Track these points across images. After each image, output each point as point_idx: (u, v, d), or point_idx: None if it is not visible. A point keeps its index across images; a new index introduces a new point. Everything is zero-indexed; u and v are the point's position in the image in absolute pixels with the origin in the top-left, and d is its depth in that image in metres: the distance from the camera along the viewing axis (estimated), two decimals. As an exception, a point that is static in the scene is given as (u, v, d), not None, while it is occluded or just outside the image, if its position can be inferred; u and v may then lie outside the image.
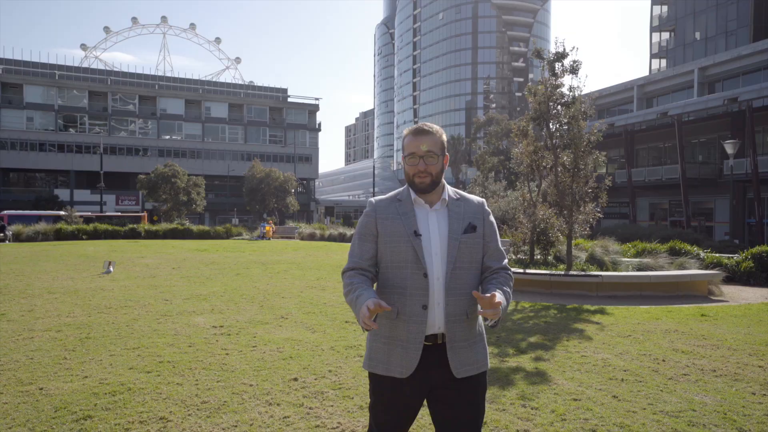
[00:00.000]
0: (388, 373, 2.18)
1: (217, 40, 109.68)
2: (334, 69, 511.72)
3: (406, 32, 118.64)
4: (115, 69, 78.80)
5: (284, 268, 15.37)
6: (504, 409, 4.15)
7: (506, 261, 2.32)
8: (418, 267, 2.17)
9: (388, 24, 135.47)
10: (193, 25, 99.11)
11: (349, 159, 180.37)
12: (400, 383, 2.16)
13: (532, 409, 4.17)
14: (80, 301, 9.06)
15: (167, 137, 65.27)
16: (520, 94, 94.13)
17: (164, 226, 34.60)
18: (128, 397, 4.33)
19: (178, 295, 9.85)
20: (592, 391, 4.62)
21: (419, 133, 2.25)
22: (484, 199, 2.35)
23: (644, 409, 4.18)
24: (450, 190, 2.31)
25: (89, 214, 39.98)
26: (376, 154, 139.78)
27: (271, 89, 78.92)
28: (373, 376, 2.25)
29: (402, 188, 2.35)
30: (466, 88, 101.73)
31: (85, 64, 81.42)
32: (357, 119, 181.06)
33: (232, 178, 63.29)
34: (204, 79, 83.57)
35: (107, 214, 43.34)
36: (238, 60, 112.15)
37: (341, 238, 32.74)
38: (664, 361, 5.66)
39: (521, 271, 11.41)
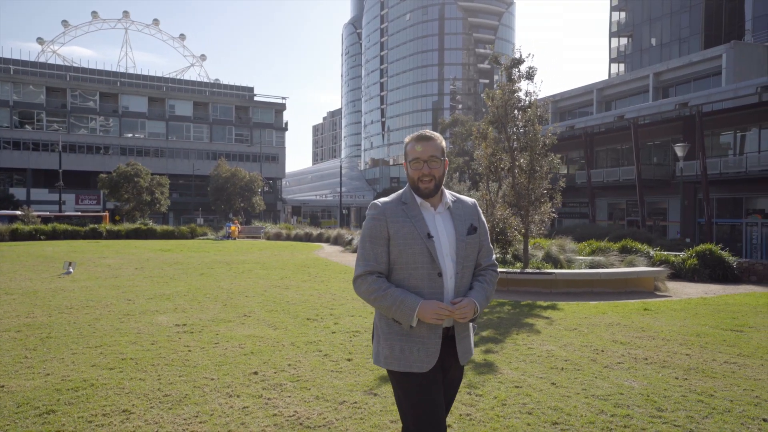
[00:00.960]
0: (407, 369, 2.28)
1: (182, 36, 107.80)
2: (302, 68, 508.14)
3: (373, 32, 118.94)
4: (74, 64, 76.68)
5: (249, 267, 15.46)
6: (450, 397, 4.46)
7: (494, 257, 2.52)
8: (434, 267, 2.29)
9: (355, 24, 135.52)
10: (156, 21, 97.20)
11: (316, 158, 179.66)
12: (424, 377, 2.29)
13: (476, 396, 4.50)
14: (40, 301, 9.04)
15: (129, 135, 63.97)
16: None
17: (127, 226, 34.03)
18: (91, 393, 4.47)
19: (141, 294, 9.89)
20: (534, 379, 4.98)
21: (422, 139, 2.37)
22: (475, 200, 2.54)
23: (578, 393, 4.56)
24: (447, 193, 2.44)
25: (47, 213, 38.96)
26: (343, 154, 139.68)
27: (237, 88, 78.11)
28: (397, 374, 2.34)
29: (403, 190, 2.44)
30: (433, 88, 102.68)
31: (41, 59, 78.95)
32: (324, 119, 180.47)
33: (197, 177, 62.47)
34: (168, 76, 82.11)
35: (66, 213, 42.28)
36: (203, 57, 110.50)
37: (307, 238, 32.81)
38: (602, 351, 6.08)
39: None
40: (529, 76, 11.84)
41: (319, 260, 18.69)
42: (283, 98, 72.37)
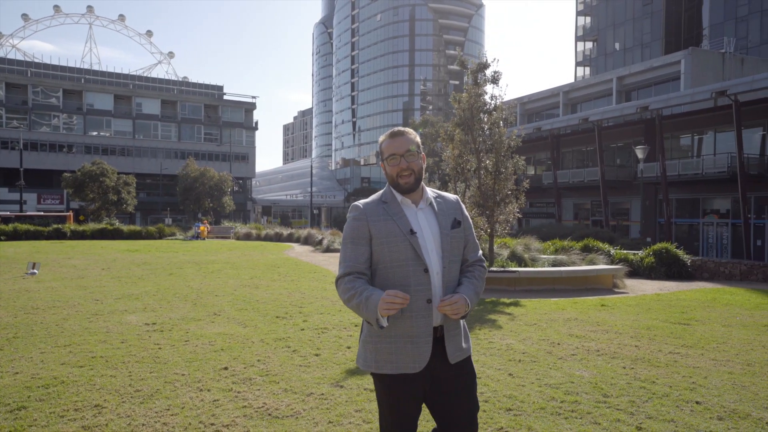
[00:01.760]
0: (399, 370, 2.22)
1: (149, 33, 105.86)
2: (272, 67, 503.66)
3: (344, 32, 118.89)
4: (35, 60, 74.59)
5: (218, 267, 15.47)
6: (413, 387, 4.70)
7: (480, 252, 2.47)
8: (419, 263, 2.24)
9: (326, 23, 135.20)
10: (122, 17, 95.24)
11: (287, 158, 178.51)
12: (412, 378, 2.24)
13: (437, 386, 4.75)
14: (4, 302, 8.96)
15: (95, 134, 62.62)
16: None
17: (92, 226, 33.39)
18: (62, 389, 4.57)
19: (108, 295, 9.88)
20: (492, 370, 5.27)
21: (395, 135, 2.36)
22: (457, 196, 2.57)
23: (532, 383, 4.85)
24: (428, 190, 2.41)
25: (8, 213, 37.92)
26: (314, 154, 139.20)
27: (207, 86, 77.17)
28: (381, 377, 2.28)
29: (383, 191, 2.41)
30: (404, 89, 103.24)
31: (0, 54, 76.60)
32: (295, 118, 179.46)
33: (165, 176, 61.55)
34: (135, 73, 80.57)
35: (28, 213, 41.20)
36: (171, 54, 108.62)
37: (277, 238, 32.76)
38: (558, 344, 6.42)
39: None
40: (495, 80, 12.20)
41: (289, 260, 18.78)
42: (253, 97, 71.86)
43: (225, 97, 73.75)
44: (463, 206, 2.45)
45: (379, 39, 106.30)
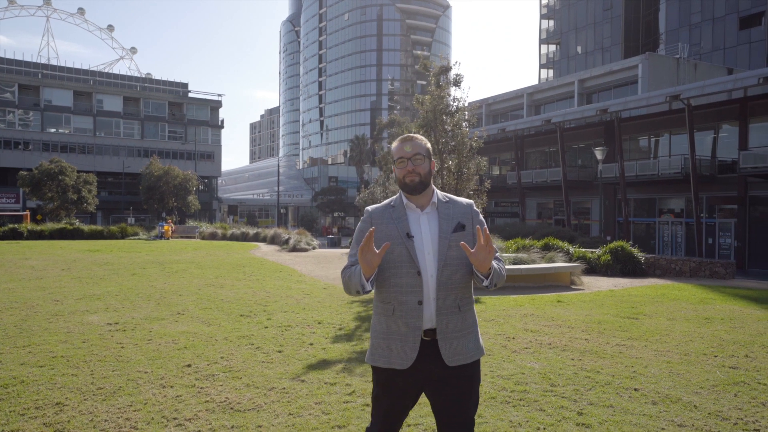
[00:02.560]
0: (389, 365, 2.34)
1: (110, 27, 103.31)
2: (239, 65, 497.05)
3: (311, 31, 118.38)
4: (-10, 54, 71.96)
5: (183, 267, 15.37)
6: (370, 381, 4.88)
7: (498, 254, 2.45)
8: (412, 266, 2.33)
9: (293, 21, 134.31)
10: (81, 10, 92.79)
11: (254, 157, 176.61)
12: (400, 374, 2.34)
13: (395, 379, 4.95)
14: (-39, 303, 8.78)
15: (53, 130, 60.83)
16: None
17: (51, 226, 32.51)
18: (22, 389, 4.59)
19: (69, 295, 9.77)
20: (448, 363, 5.50)
21: (405, 140, 2.47)
22: (472, 201, 2.60)
23: (485, 375, 5.10)
24: (439, 194, 2.48)
25: (-39, 213, 36.58)
26: (281, 153, 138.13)
27: (171, 83, 75.85)
28: (375, 369, 2.43)
29: (395, 196, 2.52)
30: (371, 89, 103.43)
31: (-46, 48, 73.63)
32: (262, 116, 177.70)
33: (128, 175, 60.24)
34: (95, 69, 78.58)
35: (-17, 213, 39.83)
36: (133, 50, 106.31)
37: (244, 238, 32.54)
38: (513, 338, 6.71)
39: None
40: (457, 83, 12.51)
41: (254, 259, 18.75)
42: (219, 95, 70.98)
43: (190, 95, 72.61)
44: (477, 211, 2.49)
45: (346, 38, 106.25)
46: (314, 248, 25.74)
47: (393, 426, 2.43)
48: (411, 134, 2.51)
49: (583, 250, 16.67)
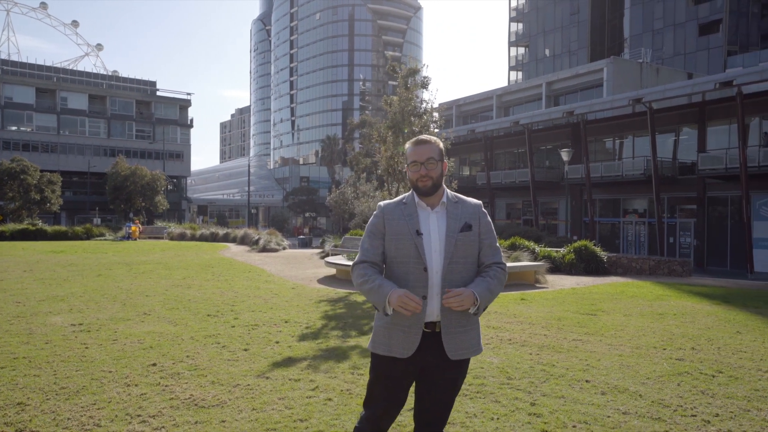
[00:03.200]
0: (389, 353, 2.44)
1: (74, 23, 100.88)
2: (209, 63, 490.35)
3: (282, 30, 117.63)
4: (-52, 49, 69.52)
5: (150, 268, 15.21)
6: (335, 377, 5.03)
7: (500, 257, 2.58)
8: (419, 262, 2.43)
9: (264, 20, 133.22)
10: (44, 5, 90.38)
11: (224, 157, 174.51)
12: (400, 362, 2.44)
13: (359, 375, 5.09)
14: None
15: (14, 128, 59.11)
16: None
17: (12, 226, 31.66)
18: (-17, 390, 4.57)
19: (31, 297, 9.62)
20: (411, 359, 5.65)
21: (419, 143, 2.54)
22: (480, 202, 2.64)
23: (446, 369, 5.27)
24: (449, 194, 2.57)
25: None
26: (252, 152, 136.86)
27: (138, 81, 74.48)
28: (374, 356, 2.52)
29: (407, 193, 2.60)
30: (343, 89, 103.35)
31: None
32: (233, 116, 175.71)
33: (94, 174, 58.93)
34: (59, 66, 76.65)
35: (-60, 213, 38.51)
36: (99, 47, 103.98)
37: (213, 238, 32.22)
38: (475, 334, 6.91)
39: (378, 265, 12.54)
40: (424, 85, 12.71)
41: (224, 260, 18.65)
42: (189, 94, 70.02)
43: (158, 93, 71.42)
44: (485, 212, 2.59)
45: (318, 38, 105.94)
46: (284, 248, 25.69)
47: (388, 413, 2.51)
48: (425, 137, 2.57)
49: (549, 249, 17.08)
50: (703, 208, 27.75)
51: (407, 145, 2.59)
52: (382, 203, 2.59)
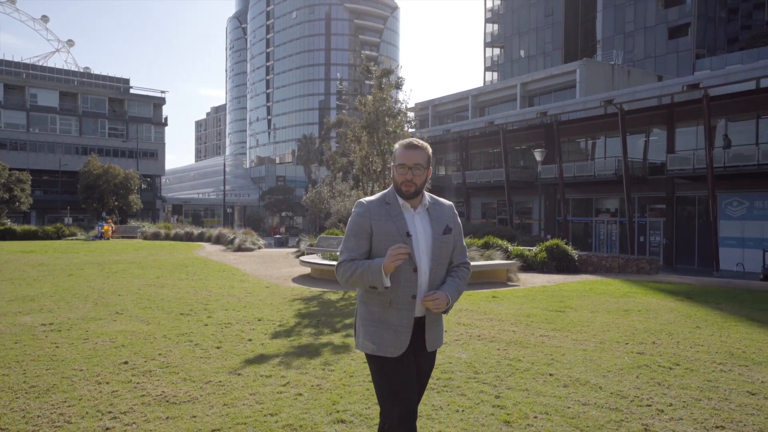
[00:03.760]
0: (380, 353, 2.51)
1: (44, 18, 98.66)
2: (183, 61, 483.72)
3: (259, 28, 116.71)
4: None
5: (123, 267, 15.06)
6: (306, 372, 5.11)
7: (467, 256, 2.75)
8: (410, 263, 2.49)
9: (240, 18, 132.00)
10: None
11: (199, 155, 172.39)
12: (397, 361, 2.51)
13: (329, 370, 5.19)
14: None
15: (-19, 126, 57.59)
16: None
17: (-21, 226, 30.89)
18: (-49, 390, 4.54)
19: (0, 297, 9.48)
20: (382, 355, 5.77)
21: (411, 147, 2.57)
22: (451, 203, 2.75)
23: (416, 364, 5.40)
24: (426, 195, 2.65)
25: None
26: (228, 151, 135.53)
27: (111, 78, 73.18)
28: (370, 357, 2.57)
29: (387, 191, 2.64)
30: (320, 88, 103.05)
31: None
32: (208, 114, 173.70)
33: (65, 173, 57.75)
34: (29, 61, 74.89)
35: None
36: (70, 43, 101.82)
37: (188, 237, 31.91)
38: (446, 331, 7.05)
39: (353, 264, 12.64)
40: (398, 85, 12.84)
41: (198, 259, 18.54)
42: (163, 92, 68.98)
43: (132, 91, 70.29)
44: (456, 213, 2.71)
45: (294, 36, 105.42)
46: (260, 248, 25.60)
47: (410, 403, 2.50)
48: (417, 142, 2.61)
49: (522, 248, 17.36)
50: (672, 208, 28.47)
51: (397, 145, 2.63)
52: (364, 201, 2.61)
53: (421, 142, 2.61)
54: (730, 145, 25.32)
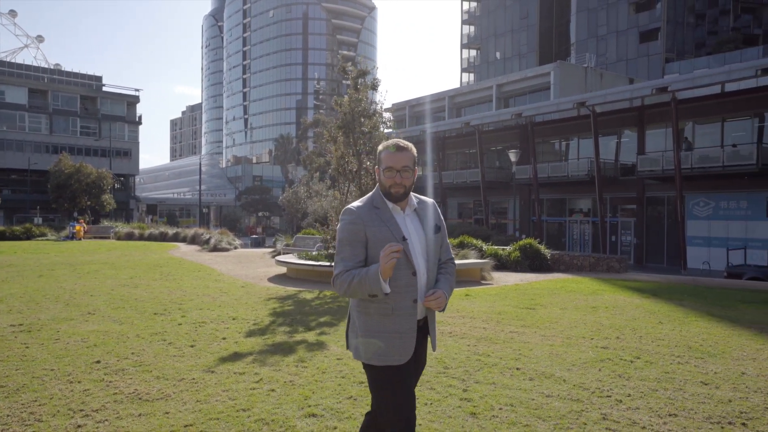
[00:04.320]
0: (386, 362, 2.44)
1: (12, 12, 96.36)
2: (158, 58, 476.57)
3: (235, 27, 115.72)
4: None
5: (95, 268, 14.87)
6: (280, 370, 5.19)
7: (452, 252, 2.75)
8: (409, 267, 2.46)
9: (216, 16, 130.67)
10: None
11: (174, 154, 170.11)
12: (402, 368, 2.47)
13: (302, 367, 5.28)
14: None
15: (-53, 123, 56.01)
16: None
17: (-55, 226, 30.07)
18: None
19: (-32, 298, 9.32)
20: (355, 352, 5.87)
21: (397, 150, 2.52)
22: (433, 200, 2.73)
23: (387, 360, 5.52)
24: (413, 196, 2.62)
25: None
26: (204, 151, 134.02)
27: (83, 76, 71.83)
28: (374, 368, 2.49)
29: (372, 195, 2.58)
30: (297, 87, 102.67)
31: None
32: (184, 113, 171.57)
33: (35, 172, 56.46)
34: (-4, 58, 73.03)
35: None
36: (40, 39, 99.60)
37: (162, 238, 31.52)
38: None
39: (328, 264, 12.71)
40: (374, 86, 12.95)
41: (173, 259, 18.39)
42: (137, 90, 67.98)
43: (104, 89, 69.12)
44: (439, 210, 2.70)
45: (271, 35, 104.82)
46: (236, 248, 25.45)
47: (410, 411, 2.48)
48: (403, 143, 2.56)
49: (496, 247, 17.62)
50: (642, 208, 29.14)
51: (381, 148, 2.57)
52: (353, 207, 2.54)
53: (406, 143, 2.58)
54: (691, 147, 26.07)
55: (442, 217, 2.70)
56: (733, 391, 4.61)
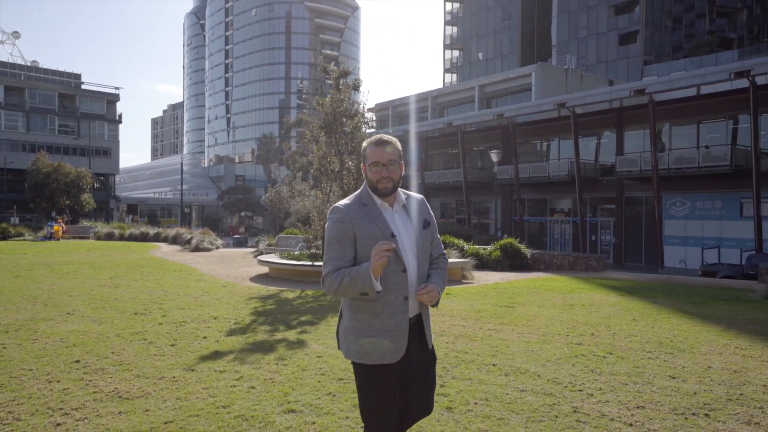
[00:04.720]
0: (379, 362, 2.41)
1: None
2: (139, 56, 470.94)
3: (217, 25, 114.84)
4: None
5: (74, 268, 14.73)
6: (260, 367, 5.25)
7: (443, 247, 2.72)
8: (398, 264, 2.42)
9: (198, 14, 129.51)
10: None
11: (156, 154, 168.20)
12: (391, 368, 2.43)
13: (282, 365, 5.34)
14: None
15: None
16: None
17: None
18: None
19: (-57, 299, 9.20)
20: (334, 350, 5.95)
21: (381, 144, 2.50)
22: (421, 195, 2.71)
23: (367, 358, 5.60)
24: (401, 192, 2.58)
25: None
26: (185, 150, 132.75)
27: (61, 73, 70.71)
28: (363, 367, 2.45)
29: (360, 192, 2.56)
30: (280, 87, 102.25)
31: None
32: (165, 111, 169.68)
33: (11, 171, 55.49)
34: (-28, 54, 71.48)
35: None
36: (16, 35, 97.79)
37: (143, 238, 31.23)
38: (398, 326, 7.28)
39: (310, 263, 12.76)
40: (356, 87, 13.03)
41: (154, 259, 18.26)
42: (117, 88, 67.19)
43: (83, 87, 68.15)
44: (428, 206, 2.68)
45: (254, 34, 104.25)
46: (218, 248, 25.33)
47: (393, 416, 2.48)
48: (386, 138, 2.53)
49: (477, 247, 17.80)
50: (621, 208, 29.62)
51: (365, 144, 2.56)
52: (340, 205, 2.51)
53: (390, 137, 2.55)
54: (664, 148, 26.58)
55: (432, 213, 2.68)
56: (698, 384, 4.78)
